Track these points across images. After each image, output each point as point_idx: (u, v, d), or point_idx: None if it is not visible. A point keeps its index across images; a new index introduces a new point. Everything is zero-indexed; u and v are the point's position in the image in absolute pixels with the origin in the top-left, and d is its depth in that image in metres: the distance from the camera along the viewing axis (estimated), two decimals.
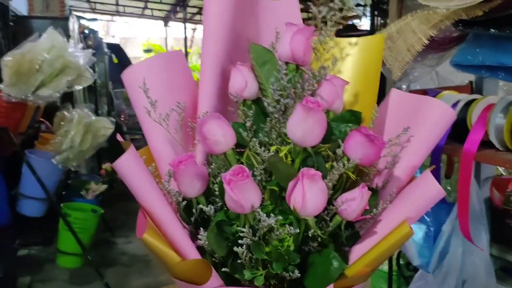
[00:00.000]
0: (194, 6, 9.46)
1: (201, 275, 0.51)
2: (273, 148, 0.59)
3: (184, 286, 0.54)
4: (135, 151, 0.54)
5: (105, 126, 2.92)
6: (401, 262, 1.55)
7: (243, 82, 0.64)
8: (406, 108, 0.68)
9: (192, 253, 0.54)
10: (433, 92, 1.13)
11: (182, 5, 9.29)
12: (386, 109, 0.71)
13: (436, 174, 1.19)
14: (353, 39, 0.76)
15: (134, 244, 3.67)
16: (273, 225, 0.51)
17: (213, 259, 0.59)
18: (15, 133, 2.68)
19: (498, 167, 1.33)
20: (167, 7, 10.04)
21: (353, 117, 0.66)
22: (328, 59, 0.71)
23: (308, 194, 0.52)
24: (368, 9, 6.78)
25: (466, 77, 1.26)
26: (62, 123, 2.99)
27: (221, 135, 0.57)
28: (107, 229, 3.72)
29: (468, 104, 0.98)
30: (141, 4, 9.87)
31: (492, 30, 0.83)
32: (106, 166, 3.93)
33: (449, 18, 0.86)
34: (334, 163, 0.57)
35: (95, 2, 9.76)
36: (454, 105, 1.03)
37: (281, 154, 0.57)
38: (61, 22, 3.76)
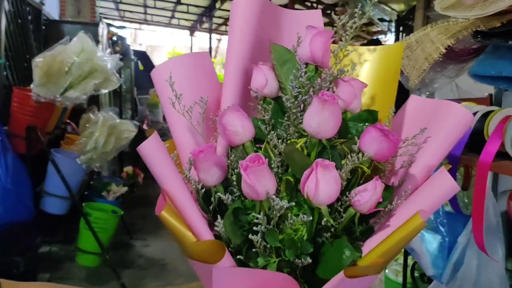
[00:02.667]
0: (219, 17, 9.64)
1: (215, 255, 0.54)
2: (290, 142, 0.61)
3: (197, 265, 0.57)
4: (158, 137, 0.57)
5: (129, 129, 2.99)
6: (416, 274, 1.54)
7: (263, 79, 0.67)
8: (425, 112, 0.70)
9: (208, 237, 0.57)
10: None
11: (208, 16, 9.47)
12: (404, 113, 0.73)
13: None
14: (372, 47, 0.79)
15: (151, 248, 3.73)
16: (286, 208, 0.53)
17: (229, 248, 0.62)
18: (42, 132, 2.78)
19: None
20: (194, 17, 10.25)
21: (370, 117, 0.68)
22: (348, 65, 0.74)
23: (321, 182, 0.54)
24: (393, 24, 6.80)
25: (486, 91, 1.26)
26: (87, 125, 3.09)
27: (239, 126, 0.60)
28: (126, 231, 3.79)
29: (486, 115, 0.99)
30: (168, 14, 10.10)
31: (511, 41, 0.85)
32: (127, 169, 4.02)
33: (467, 28, 0.87)
34: (349, 156, 0.59)
35: (124, 10, 10.03)
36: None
37: (297, 146, 0.60)
38: (91, 28, 3.88)
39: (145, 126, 5.45)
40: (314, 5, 7.32)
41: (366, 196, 0.57)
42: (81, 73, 2.68)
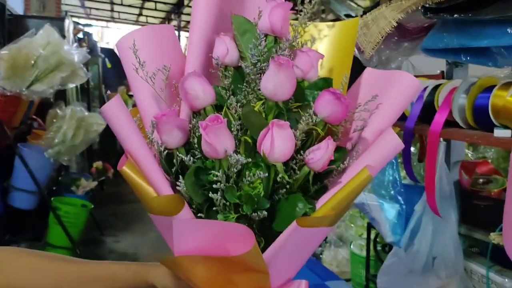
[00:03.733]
0: (188, 14, 9.58)
1: (174, 208, 0.57)
2: (248, 104, 0.65)
3: (158, 219, 0.60)
4: (121, 99, 0.60)
5: (98, 122, 2.97)
6: (378, 248, 1.61)
7: (225, 49, 0.70)
8: (378, 82, 0.74)
9: (169, 193, 0.60)
10: None
11: (176, 13, 9.41)
12: (359, 84, 0.78)
13: (406, 154, 1.27)
14: (331, 23, 0.84)
15: (122, 244, 3.71)
16: (243, 163, 0.57)
17: (191, 208, 0.65)
18: (8, 127, 2.74)
19: (467, 152, 1.41)
20: (162, 15, 10.17)
21: (325, 84, 0.73)
22: (308, 40, 0.78)
23: (276, 140, 0.58)
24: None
25: (439, 69, 1.34)
26: (54, 120, 3.05)
27: (200, 90, 0.63)
28: (96, 228, 3.75)
29: (436, 88, 1.06)
30: (136, 11, 9.99)
31: (456, 15, 0.91)
32: (97, 164, 3.98)
33: (417, 3, 0.94)
34: (303, 118, 0.64)
35: (90, 8, 9.87)
36: (424, 90, 1.10)
37: (255, 109, 0.64)
38: (57, 23, 3.82)
39: None
40: None
41: (319, 154, 0.62)
42: (48, 66, 2.65)
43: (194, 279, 0.62)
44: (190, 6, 9.03)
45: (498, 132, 0.98)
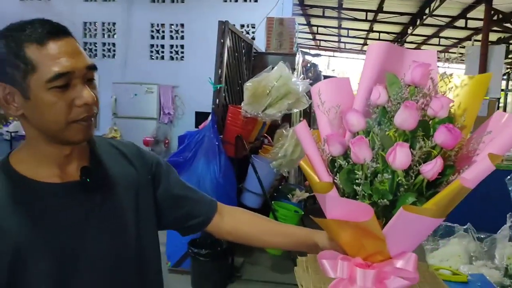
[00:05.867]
0: (411, 42, 9.65)
1: (327, 189, 0.95)
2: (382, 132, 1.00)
3: (319, 196, 0.98)
4: (306, 123, 1.03)
5: None
6: None
7: (377, 94, 1.05)
8: (501, 122, 0.99)
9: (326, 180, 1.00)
10: None
11: (399, 42, 9.60)
12: (488, 123, 1.02)
13: None
14: (471, 75, 1.10)
15: None
16: (373, 168, 0.92)
17: (345, 195, 1.02)
18: (246, 141, 3.53)
19: None
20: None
21: (449, 120, 1.01)
22: (452, 87, 1.07)
23: (398, 155, 0.90)
24: None
25: None
26: (280, 138, 3.74)
27: (356, 121, 1.00)
28: None
29: None
30: (361, 41, 10.58)
31: None
32: None
33: None
34: (422, 142, 0.94)
35: (319, 40, 10.92)
36: None
37: (390, 134, 0.98)
38: (289, 58, 4.61)
39: None
40: None
41: (430, 167, 0.91)
42: (278, 94, 3.33)
43: (339, 239, 1.00)
44: (414, 35, 9.15)
45: None
